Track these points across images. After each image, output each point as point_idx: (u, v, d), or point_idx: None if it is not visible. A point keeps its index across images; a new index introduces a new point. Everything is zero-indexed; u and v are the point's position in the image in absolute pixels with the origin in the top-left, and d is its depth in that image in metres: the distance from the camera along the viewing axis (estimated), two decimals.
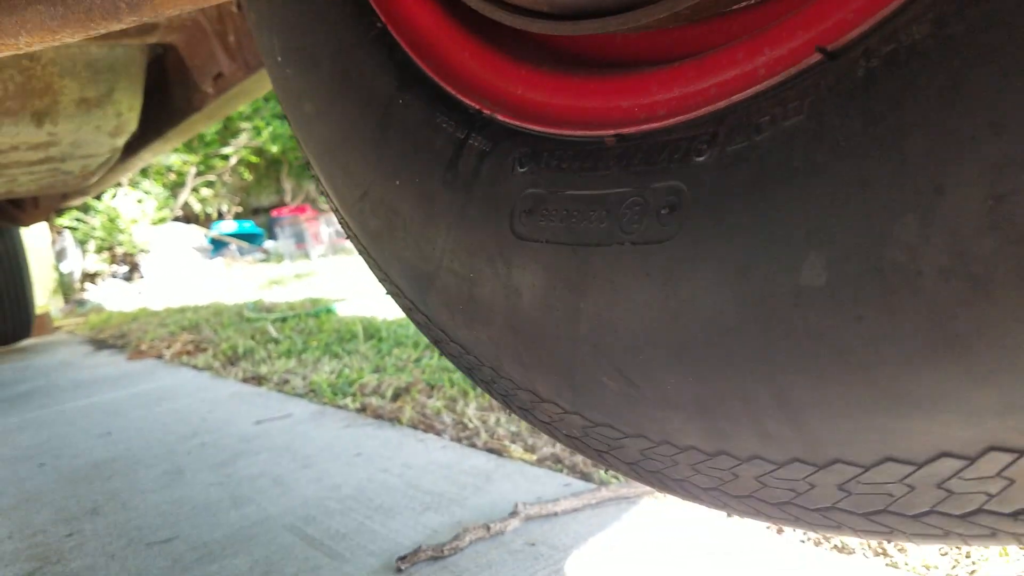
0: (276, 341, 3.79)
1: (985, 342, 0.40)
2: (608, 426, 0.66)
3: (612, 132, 0.62)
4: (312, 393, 2.64)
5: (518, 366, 0.71)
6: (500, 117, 0.71)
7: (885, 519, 0.54)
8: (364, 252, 0.92)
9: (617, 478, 1.53)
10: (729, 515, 0.63)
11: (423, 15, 0.79)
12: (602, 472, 1.56)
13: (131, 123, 2.22)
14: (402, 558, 1.23)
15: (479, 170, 0.70)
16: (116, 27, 0.47)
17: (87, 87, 1.95)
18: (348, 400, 2.42)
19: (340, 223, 0.95)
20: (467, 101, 0.74)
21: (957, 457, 0.46)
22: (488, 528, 1.32)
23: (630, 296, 0.56)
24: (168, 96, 2.30)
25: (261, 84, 1.97)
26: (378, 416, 2.23)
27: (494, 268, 0.68)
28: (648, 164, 0.57)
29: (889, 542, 0.56)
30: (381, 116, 0.79)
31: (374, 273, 0.94)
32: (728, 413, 0.54)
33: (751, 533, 1.23)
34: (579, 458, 1.66)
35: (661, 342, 0.55)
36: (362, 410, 2.32)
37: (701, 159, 0.53)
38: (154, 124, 2.41)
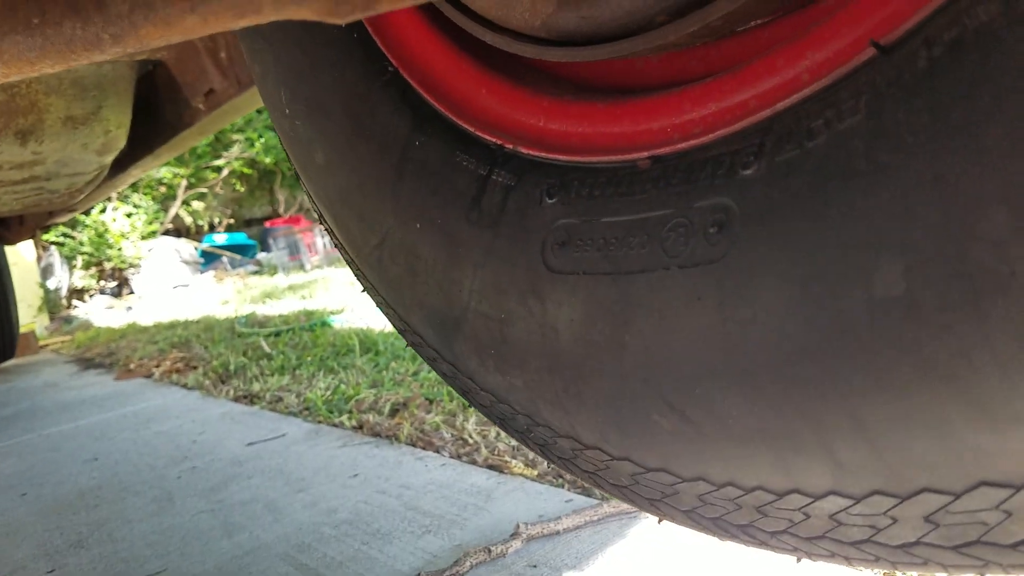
0: (269, 357, 3.68)
1: None
2: (662, 471, 0.61)
3: (645, 155, 0.59)
4: (307, 411, 2.57)
5: (558, 411, 0.67)
6: (523, 150, 0.68)
7: (978, 551, 0.49)
8: (383, 303, 0.88)
9: None
10: (799, 560, 0.58)
11: (435, 55, 0.77)
12: None
13: (119, 140, 2.20)
14: None
15: (505, 205, 0.67)
16: (99, 58, 0.45)
17: (73, 105, 1.92)
18: (344, 417, 2.34)
19: (356, 275, 0.92)
20: (487, 137, 0.71)
21: None
22: (489, 551, 1.28)
23: (681, 323, 0.53)
24: (158, 112, 2.28)
25: (253, 100, 1.96)
26: (375, 433, 2.16)
27: (527, 306, 0.65)
28: (689, 183, 0.54)
29: None
30: (397, 160, 0.77)
31: (394, 324, 0.90)
32: (799, 445, 0.49)
33: (747, 550, 1.18)
34: None
35: (720, 371, 0.51)
36: (359, 428, 2.25)
37: (748, 172, 0.50)
38: (144, 140, 2.38)
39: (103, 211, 11.88)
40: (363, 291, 0.94)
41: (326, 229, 0.94)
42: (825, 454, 0.48)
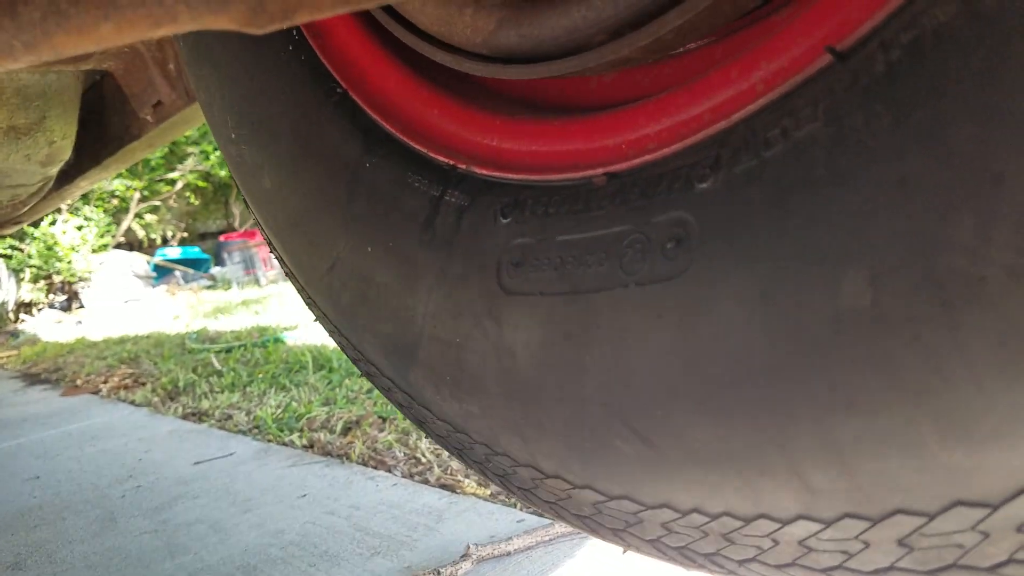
0: (220, 374, 3.61)
1: None
2: (625, 498, 0.58)
3: (601, 171, 0.57)
4: (256, 429, 2.51)
5: (516, 439, 0.64)
6: (477, 170, 0.66)
7: (954, 575, 0.47)
8: (335, 331, 0.85)
9: None
10: None
11: (385, 76, 0.75)
12: None
13: (64, 151, 2.12)
14: None
15: (459, 226, 0.65)
16: (12, 66, 0.42)
17: (16, 114, 1.85)
18: (295, 436, 2.30)
19: (307, 303, 0.89)
20: (439, 157, 0.69)
21: None
22: (439, 573, 1.27)
23: (641, 343, 0.50)
24: (105, 124, 2.22)
25: (201, 113, 1.92)
26: (326, 453, 2.13)
27: (483, 329, 0.62)
28: (646, 198, 0.52)
29: None
30: (347, 182, 0.74)
31: (347, 354, 0.86)
32: (767, 468, 0.47)
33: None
34: None
35: (682, 392, 0.49)
36: (309, 446, 2.21)
37: (705, 185, 0.48)
38: (91, 152, 2.32)
39: (53, 223, 11.54)
40: (315, 320, 0.90)
41: (276, 257, 0.90)
42: (793, 477, 0.46)
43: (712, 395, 0.47)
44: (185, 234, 17.64)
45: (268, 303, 7.17)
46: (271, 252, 0.91)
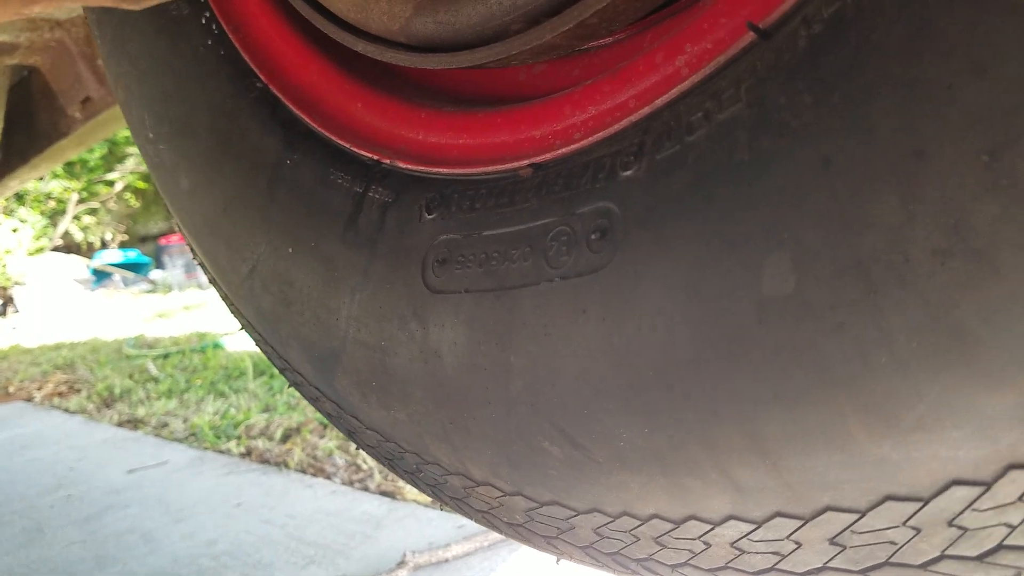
0: (157, 380, 3.53)
1: (995, 332, 0.33)
2: (556, 504, 0.56)
3: (526, 163, 0.55)
4: (193, 437, 2.46)
5: (445, 446, 0.61)
6: (402, 164, 0.63)
7: (887, 573, 0.45)
8: (259, 339, 0.81)
9: None
10: None
11: (307, 70, 0.72)
12: None
13: None
14: None
15: (383, 223, 0.62)
16: None
17: None
18: (232, 444, 2.26)
19: (230, 310, 0.85)
20: (364, 153, 0.66)
21: (970, 484, 0.38)
22: None
23: (566, 340, 0.48)
24: (33, 121, 2.14)
25: None
26: (264, 461, 2.09)
27: (408, 331, 0.59)
28: (570, 189, 0.50)
29: None
30: (268, 180, 0.71)
31: (274, 363, 0.83)
32: (693, 466, 0.45)
33: None
34: None
35: (607, 390, 0.47)
36: (247, 454, 2.17)
37: (628, 173, 0.46)
38: (19, 150, 2.24)
39: None
40: (240, 328, 0.86)
41: (198, 262, 0.86)
42: (721, 475, 0.44)
43: (637, 392, 0.45)
44: (125, 237, 17.21)
45: (209, 308, 7.02)
46: (192, 257, 0.87)
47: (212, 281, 0.84)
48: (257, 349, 2.95)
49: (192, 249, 0.85)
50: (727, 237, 0.40)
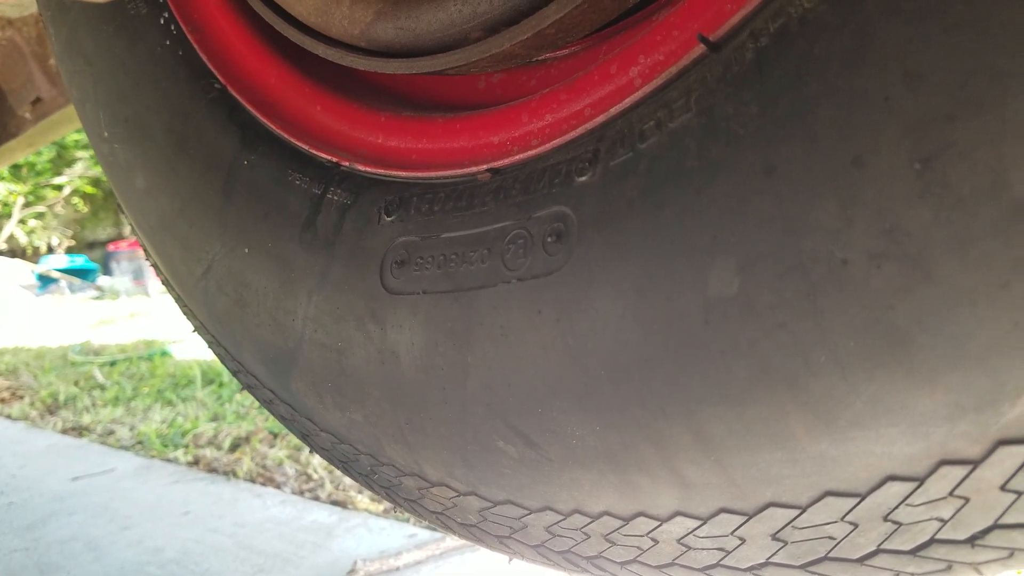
0: (103, 387, 3.45)
1: (928, 333, 0.35)
2: (509, 503, 0.57)
3: (484, 167, 0.56)
4: (139, 445, 2.42)
5: (400, 446, 0.62)
6: (360, 167, 0.64)
7: (827, 568, 0.47)
8: (213, 341, 0.80)
9: None
10: None
11: (266, 72, 0.73)
12: None
13: None
14: None
15: (341, 225, 0.62)
16: None
17: None
18: (179, 452, 2.23)
19: (183, 312, 0.84)
20: (322, 155, 0.66)
21: (904, 480, 0.40)
22: None
23: (522, 340, 0.49)
24: None
25: None
26: (212, 469, 2.07)
27: (365, 332, 0.59)
28: (527, 193, 0.51)
29: None
30: (224, 181, 0.71)
31: (226, 365, 0.82)
32: (642, 463, 0.46)
33: None
34: None
35: (561, 389, 0.48)
36: (195, 463, 2.15)
37: (584, 179, 0.48)
38: None
39: None
40: (193, 330, 0.85)
41: (151, 263, 0.85)
42: (669, 472, 0.45)
43: (589, 391, 0.46)
44: (72, 242, 16.84)
45: (157, 315, 6.90)
46: (146, 258, 0.86)
47: (165, 282, 0.83)
48: (205, 357, 2.92)
49: (145, 250, 0.84)
50: (676, 241, 0.42)
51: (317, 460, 1.95)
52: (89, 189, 14.66)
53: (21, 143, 2.09)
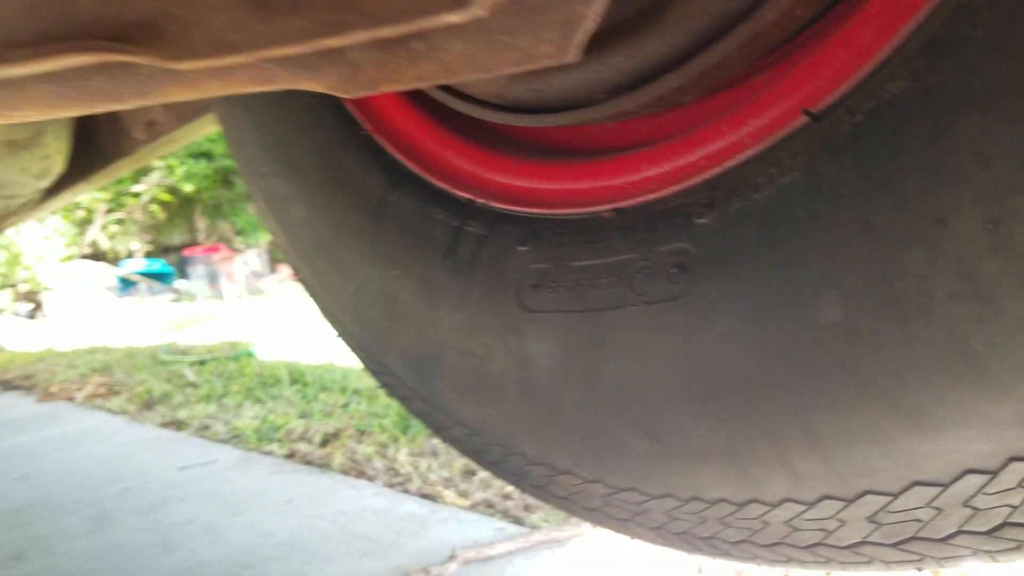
0: (195, 385, 3.63)
1: (998, 356, 0.44)
2: (632, 490, 0.67)
3: (609, 207, 0.66)
4: (236, 439, 2.55)
5: (532, 439, 0.73)
6: (494, 204, 0.75)
7: (915, 546, 0.56)
8: (358, 347, 0.92)
9: (548, 521, 1.56)
10: (759, 565, 0.64)
11: (406, 121, 0.84)
12: (533, 516, 1.60)
13: (58, 166, 2.15)
14: None
15: (479, 253, 0.73)
16: (117, 107, 0.49)
17: (15, 130, 1.89)
18: (275, 446, 2.36)
19: (330, 321, 0.96)
20: (459, 193, 0.77)
21: (980, 472, 0.49)
22: (428, 572, 1.35)
23: (650, 353, 0.59)
24: (96, 140, 2.26)
25: (192, 133, 1.98)
26: (307, 462, 2.19)
27: (504, 343, 0.70)
28: (650, 231, 0.61)
29: (919, 571, 0.59)
30: (373, 214, 0.82)
31: (367, 367, 0.94)
32: (758, 457, 0.56)
33: (676, 569, 1.29)
34: (511, 503, 1.68)
35: (687, 395, 0.58)
36: (290, 456, 2.27)
37: (703, 220, 0.58)
38: (80, 165, 2.35)
39: (17, 232, 11.49)
40: (337, 336, 0.98)
41: (300, 279, 0.98)
42: (781, 465, 0.55)
43: (713, 398, 0.56)
44: (150, 247, 17.57)
45: (233, 318, 7.17)
46: (294, 274, 0.99)
47: (315, 295, 0.96)
48: (290, 358, 3.08)
49: (296, 267, 0.96)
50: (789, 276, 0.51)
51: (404, 456, 2.06)
52: (165, 197, 15.32)
53: (130, 161, 2.25)
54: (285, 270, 14.70)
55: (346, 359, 3.68)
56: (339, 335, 0.95)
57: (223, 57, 0.40)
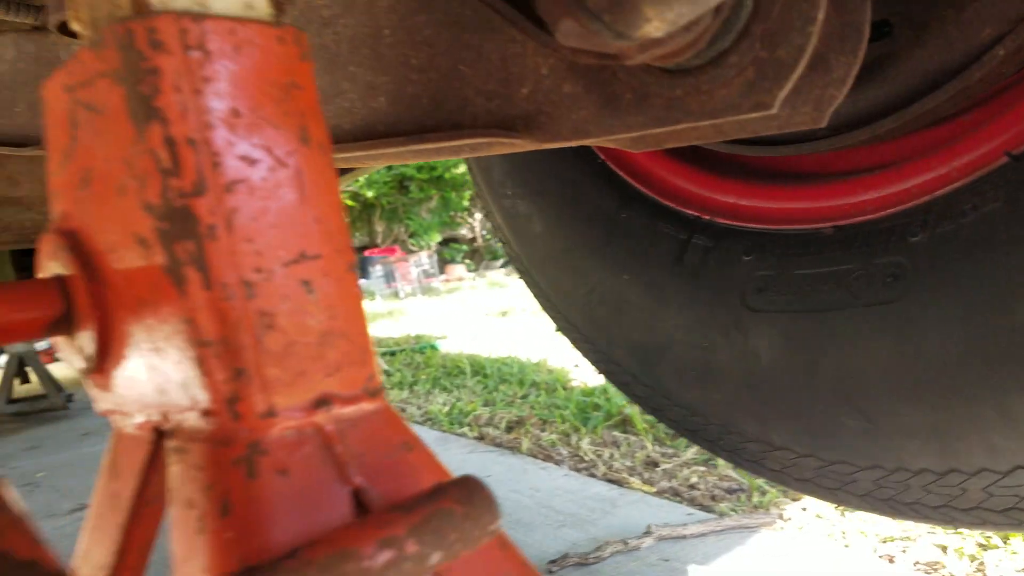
0: (388, 373, 4.00)
1: None
2: (843, 463, 0.80)
3: (829, 224, 0.80)
4: (430, 421, 2.82)
5: (752, 419, 0.87)
6: (719, 220, 0.90)
7: None
8: (582, 339, 1.10)
9: (736, 510, 1.64)
10: (956, 529, 0.76)
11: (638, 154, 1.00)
12: (721, 505, 1.69)
13: None
14: (553, 561, 1.41)
15: (706, 261, 0.89)
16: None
17: None
18: (465, 429, 2.59)
19: (555, 317, 1.14)
20: (685, 211, 0.93)
21: None
22: (626, 543, 1.48)
23: (867, 347, 0.73)
24: None
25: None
26: (497, 445, 2.39)
27: (729, 337, 0.85)
28: (868, 246, 0.75)
29: None
30: (605, 228, 0.99)
31: (588, 356, 1.11)
32: (959, 433, 0.69)
33: (861, 560, 1.35)
34: (697, 492, 1.79)
35: (899, 382, 0.71)
36: (480, 439, 2.49)
37: (916, 239, 0.70)
38: None
39: None
40: (557, 329, 1.16)
41: (529, 282, 1.17)
42: (980, 440, 0.67)
43: (922, 384, 0.69)
44: None
45: (410, 314, 7.69)
46: (523, 278, 1.18)
47: (541, 295, 1.14)
48: (471, 351, 3.34)
49: (529, 273, 1.15)
50: (992, 286, 0.64)
51: (586, 444, 2.23)
52: (349, 202, 16.47)
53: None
54: (453, 271, 15.49)
55: (523, 353, 3.96)
56: (560, 329, 1.13)
57: (579, 140, 0.57)
